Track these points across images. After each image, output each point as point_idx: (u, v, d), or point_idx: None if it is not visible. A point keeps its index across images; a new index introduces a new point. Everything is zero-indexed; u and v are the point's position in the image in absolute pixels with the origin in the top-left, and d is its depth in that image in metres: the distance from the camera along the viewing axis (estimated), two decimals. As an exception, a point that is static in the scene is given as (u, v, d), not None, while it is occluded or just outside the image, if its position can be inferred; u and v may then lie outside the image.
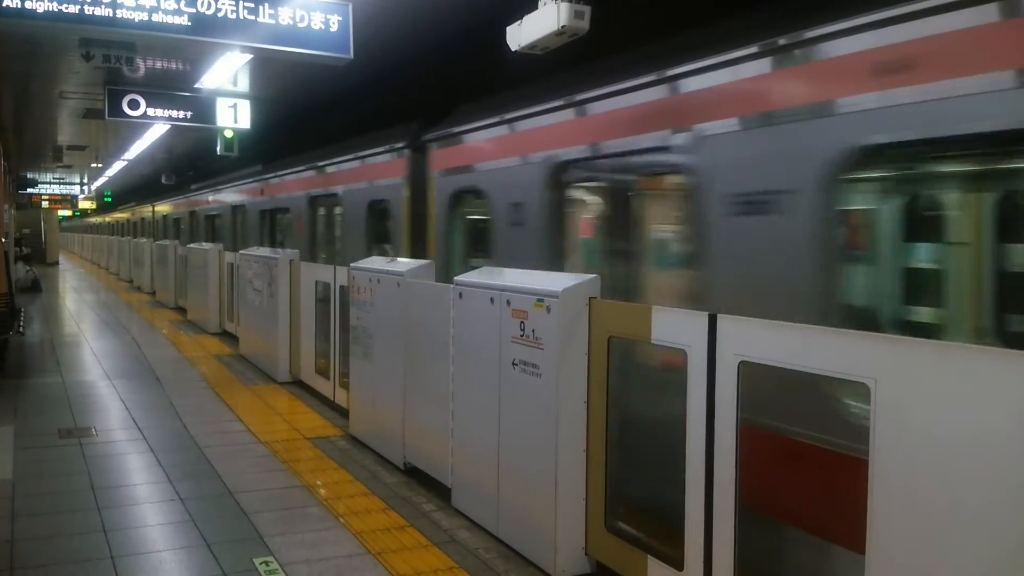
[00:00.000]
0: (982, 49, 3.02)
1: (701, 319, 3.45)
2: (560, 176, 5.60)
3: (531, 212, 5.82)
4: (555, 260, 5.61)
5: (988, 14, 3.00)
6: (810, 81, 3.70)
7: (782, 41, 3.84)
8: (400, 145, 8.15)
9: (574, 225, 5.76)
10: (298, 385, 9.29)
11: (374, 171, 8.85)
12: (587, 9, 4.59)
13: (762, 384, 3.43)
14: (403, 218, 8.08)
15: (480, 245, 7.11)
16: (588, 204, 5.78)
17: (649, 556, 3.85)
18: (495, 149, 6.48)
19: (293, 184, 11.81)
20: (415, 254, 7.75)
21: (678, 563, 3.62)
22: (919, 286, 3.91)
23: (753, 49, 3.98)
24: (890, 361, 2.67)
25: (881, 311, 4.02)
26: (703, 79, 4.33)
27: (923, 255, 3.94)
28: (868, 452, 2.73)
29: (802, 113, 3.70)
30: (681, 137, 4.42)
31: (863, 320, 3.91)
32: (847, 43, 3.52)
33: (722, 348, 3.35)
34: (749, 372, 3.26)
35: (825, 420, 3.45)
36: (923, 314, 3.88)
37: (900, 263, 3.98)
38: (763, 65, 3.95)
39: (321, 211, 11.18)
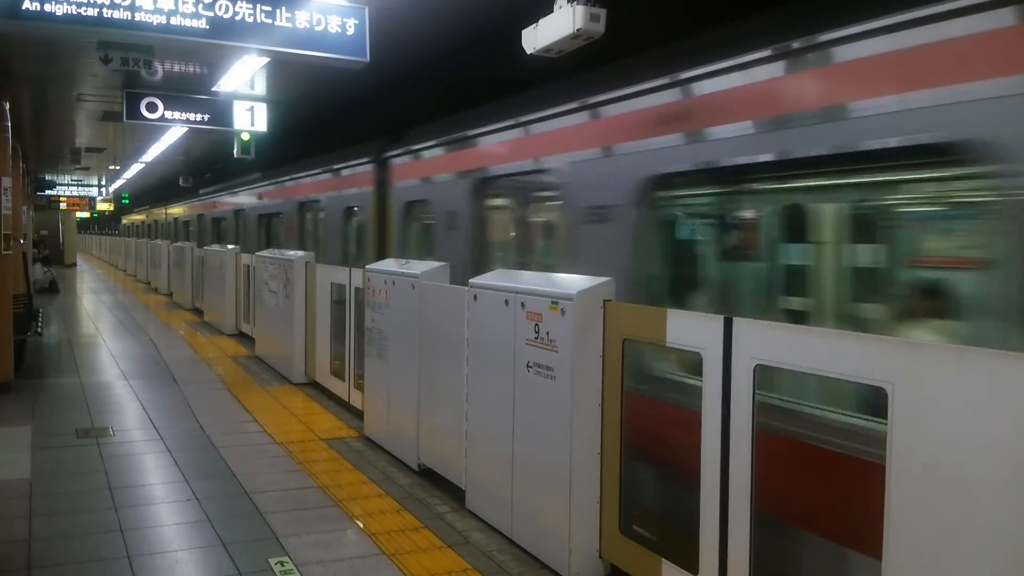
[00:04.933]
0: None
1: (716, 322, 3.43)
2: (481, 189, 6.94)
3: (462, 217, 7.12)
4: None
5: None
6: None
7: None
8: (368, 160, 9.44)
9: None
10: (313, 386, 9.33)
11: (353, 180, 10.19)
12: (602, 12, 4.60)
13: None
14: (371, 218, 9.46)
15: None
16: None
17: (663, 559, 3.83)
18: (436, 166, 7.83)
19: (286, 191, 13.30)
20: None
21: (693, 567, 3.61)
22: None
23: None
24: (907, 365, 2.65)
25: None
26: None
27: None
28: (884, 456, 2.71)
29: None
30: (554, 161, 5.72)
31: None
32: None
33: (738, 351, 3.33)
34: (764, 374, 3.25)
35: None
36: None
37: None
38: None
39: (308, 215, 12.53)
